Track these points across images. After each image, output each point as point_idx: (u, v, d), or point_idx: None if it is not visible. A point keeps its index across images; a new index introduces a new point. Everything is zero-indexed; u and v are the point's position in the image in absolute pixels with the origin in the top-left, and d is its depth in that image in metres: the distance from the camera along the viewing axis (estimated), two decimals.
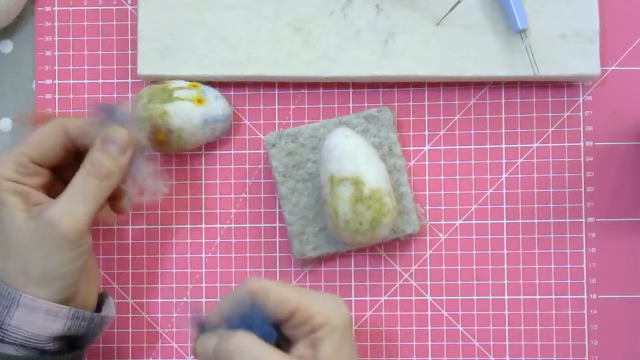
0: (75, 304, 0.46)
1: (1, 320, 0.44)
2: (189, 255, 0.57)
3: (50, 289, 0.44)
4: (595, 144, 0.55)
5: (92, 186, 0.46)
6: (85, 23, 0.58)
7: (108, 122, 0.47)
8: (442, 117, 0.56)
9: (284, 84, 0.56)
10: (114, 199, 0.50)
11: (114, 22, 0.58)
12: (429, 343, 0.55)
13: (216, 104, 0.54)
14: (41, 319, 0.44)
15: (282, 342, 0.44)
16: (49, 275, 0.44)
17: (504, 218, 0.55)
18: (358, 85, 0.56)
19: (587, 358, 0.55)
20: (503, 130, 0.56)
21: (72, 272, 0.45)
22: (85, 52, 0.58)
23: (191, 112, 0.52)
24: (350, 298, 0.56)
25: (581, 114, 0.55)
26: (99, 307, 0.49)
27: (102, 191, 0.46)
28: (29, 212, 0.45)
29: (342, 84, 0.56)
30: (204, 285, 0.56)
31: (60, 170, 0.49)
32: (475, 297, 0.55)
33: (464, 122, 0.56)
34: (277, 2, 0.54)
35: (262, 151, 0.56)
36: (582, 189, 0.55)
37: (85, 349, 0.48)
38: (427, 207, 0.56)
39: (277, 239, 0.56)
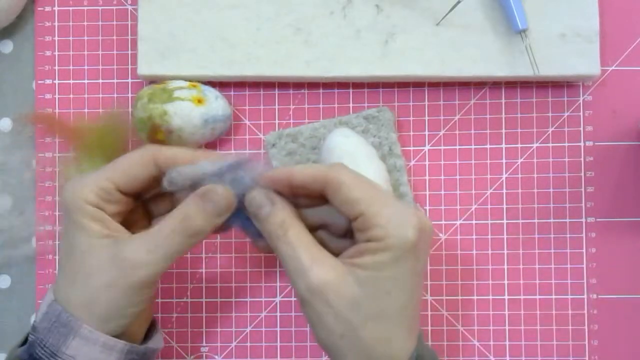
0: (127, 335, 0.45)
1: (57, 348, 0.43)
2: (189, 255, 0.57)
3: (111, 326, 0.43)
4: (595, 144, 0.55)
5: (177, 243, 0.43)
6: (85, 23, 0.58)
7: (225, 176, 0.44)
8: (442, 117, 0.56)
9: (284, 84, 0.56)
10: None
11: (114, 22, 0.58)
12: (429, 343, 0.55)
13: (216, 104, 0.54)
14: (97, 352, 0.43)
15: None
16: (113, 313, 0.43)
17: (504, 218, 0.55)
18: (358, 85, 0.56)
19: (587, 358, 0.55)
20: (503, 130, 0.56)
21: (135, 313, 0.44)
22: (85, 52, 0.58)
23: (191, 112, 0.52)
24: None
25: (581, 114, 0.56)
26: (146, 334, 0.48)
27: (186, 248, 0.44)
28: (107, 239, 0.43)
29: (342, 84, 0.56)
30: (204, 285, 0.56)
31: (144, 199, 0.47)
32: (475, 297, 0.55)
33: (464, 122, 0.56)
34: (277, 2, 0.54)
35: (262, 151, 0.56)
36: (582, 189, 0.55)
37: None
38: (427, 207, 0.56)
39: None
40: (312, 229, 0.44)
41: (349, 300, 0.41)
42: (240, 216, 0.45)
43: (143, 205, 0.48)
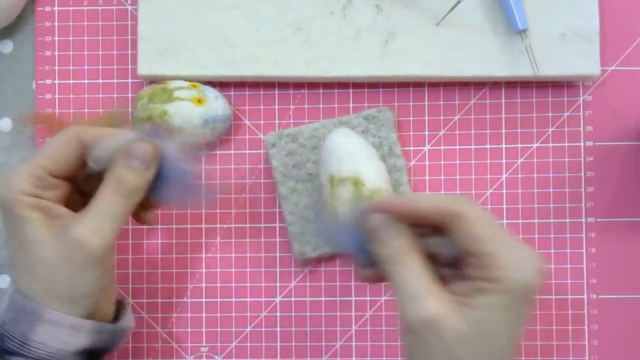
0: (97, 317, 0.45)
1: (25, 337, 0.43)
2: (189, 255, 0.57)
3: (75, 306, 0.44)
4: (595, 144, 0.55)
5: (117, 204, 0.44)
6: (85, 23, 0.58)
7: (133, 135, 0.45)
8: (442, 117, 0.56)
9: (284, 84, 0.56)
10: (138, 210, 0.48)
11: (114, 22, 0.58)
12: None
13: (216, 104, 0.54)
14: (65, 334, 0.43)
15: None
16: (74, 294, 0.44)
17: (504, 218, 0.55)
18: (358, 85, 0.56)
19: (587, 358, 0.55)
20: (503, 130, 0.56)
21: (97, 289, 0.45)
22: (85, 52, 0.58)
23: (191, 112, 0.52)
24: (350, 298, 0.56)
25: (581, 114, 0.55)
26: (116, 316, 0.49)
27: (128, 208, 0.45)
28: (51, 227, 0.44)
29: (342, 84, 0.56)
30: (204, 285, 0.56)
31: (78, 182, 0.48)
32: None
33: (464, 122, 0.56)
34: (277, 2, 0.54)
35: (262, 151, 0.56)
36: (582, 189, 0.55)
37: (104, 358, 0.48)
38: None
39: (277, 239, 0.56)
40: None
41: (460, 337, 0.39)
42: (352, 240, 0.44)
43: (80, 189, 0.48)
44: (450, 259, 0.42)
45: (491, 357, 0.39)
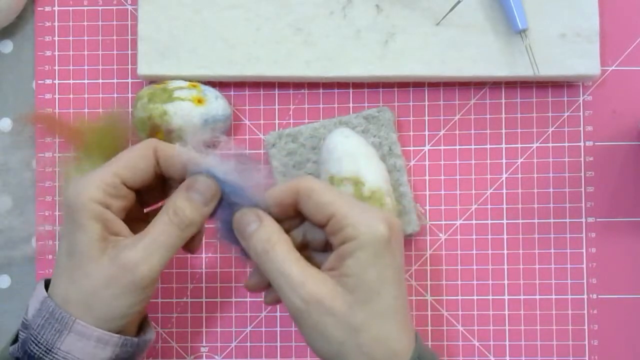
0: (124, 332, 0.45)
1: (51, 344, 0.43)
2: (189, 255, 0.57)
3: (109, 325, 0.44)
4: (595, 144, 0.55)
5: (171, 235, 0.44)
6: (85, 23, 0.58)
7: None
8: (442, 117, 0.56)
9: (284, 84, 0.56)
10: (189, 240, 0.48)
11: (114, 22, 0.58)
12: (429, 343, 0.55)
13: (216, 104, 0.54)
14: (92, 347, 0.43)
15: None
16: (110, 315, 0.43)
17: (504, 218, 0.55)
18: (358, 85, 0.56)
19: (587, 358, 0.55)
20: (503, 130, 0.56)
21: (134, 313, 0.44)
22: (85, 52, 0.58)
23: (191, 112, 0.52)
24: None
25: (581, 114, 0.56)
26: (139, 327, 0.48)
27: (181, 240, 0.44)
28: (106, 242, 0.44)
29: (342, 84, 0.56)
30: (204, 285, 0.56)
31: (141, 193, 0.47)
32: (475, 297, 0.55)
33: (464, 122, 0.56)
34: (277, 2, 0.54)
35: (262, 151, 0.56)
36: (582, 189, 0.55)
37: None
38: (427, 207, 0.56)
39: None
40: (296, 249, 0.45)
41: (345, 307, 0.41)
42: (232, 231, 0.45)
43: (140, 198, 0.48)
44: (324, 242, 0.45)
45: (376, 315, 0.42)
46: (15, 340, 0.45)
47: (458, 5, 0.52)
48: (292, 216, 0.45)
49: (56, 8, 0.58)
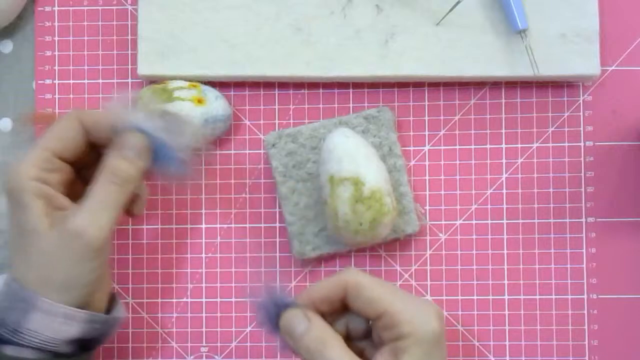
0: (90, 307, 0.46)
1: (18, 324, 0.44)
2: (189, 255, 0.57)
3: (71, 295, 0.44)
4: (595, 144, 0.55)
5: (113, 193, 0.45)
6: (85, 23, 0.58)
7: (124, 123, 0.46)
8: (442, 117, 0.56)
9: (284, 84, 0.56)
10: (129, 203, 0.49)
11: (114, 22, 0.58)
12: None
13: (216, 104, 0.54)
14: (58, 323, 0.44)
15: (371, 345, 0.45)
16: (70, 284, 0.44)
17: (504, 218, 0.55)
18: (358, 85, 0.56)
19: (587, 358, 0.55)
20: (503, 130, 0.56)
21: (93, 280, 0.45)
22: (85, 52, 0.58)
23: (191, 112, 0.52)
24: None
25: (581, 114, 0.55)
26: (109, 307, 0.49)
27: (123, 197, 0.46)
28: (52, 217, 0.45)
29: (342, 84, 0.56)
30: (204, 285, 0.56)
31: (79, 168, 0.49)
32: (475, 297, 0.55)
33: (464, 122, 0.56)
34: (277, 2, 0.54)
35: (262, 151, 0.56)
36: (582, 189, 0.55)
37: (95, 349, 0.48)
38: (427, 207, 0.56)
39: (277, 239, 0.56)
40: None
41: None
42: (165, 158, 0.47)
43: (81, 176, 0.49)
44: (366, 332, 0.45)
45: None
46: None
47: (458, 5, 0.52)
48: (337, 309, 0.45)
49: (56, 8, 0.58)
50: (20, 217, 0.45)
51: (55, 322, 0.44)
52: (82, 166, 0.49)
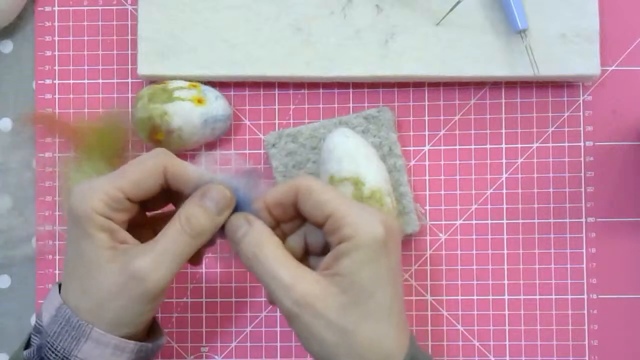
0: (136, 337, 0.45)
1: (68, 352, 0.43)
2: None
3: (119, 331, 0.43)
4: (595, 144, 0.55)
5: (183, 243, 0.43)
6: (85, 23, 0.58)
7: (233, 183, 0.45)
8: (442, 117, 0.56)
9: (284, 84, 0.56)
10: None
11: (114, 22, 0.58)
12: (429, 343, 0.55)
13: (216, 104, 0.54)
14: (109, 354, 0.43)
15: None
16: (121, 322, 0.43)
17: (504, 218, 0.55)
18: (358, 85, 0.56)
19: (587, 358, 0.55)
20: (503, 130, 0.56)
21: (144, 321, 0.45)
22: (85, 52, 0.58)
23: (191, 112, 0.52)
24: None
25: (581, 114, 0.56)
26: (149, 330, 0.48)
27: (192, 249, 0.44)
28: (114, 251, 0.43)
29: (342, 84, 0.56)
30: (204, 285, 0.56)
31: (145, 202, 0.47)
32: (475, 297, 0.55)
33: (464, 122, 0.56)
34: (277, 2, 0.54)
35: (262, 151, 0.56)
36: (582, 189, 0.55)
37: None
38: (427, 207, 0.56)
39: None
40: (297, 254, 0.45)
41: (337, 308, 0.41)
42: None
43: (144, 208, 0.48)
44: (324, 247, 0.45)
45: (370, 316, 0.42)
46: (28, 344, 0.45)
47: (458, 5, 0.52)
48: (292, 217, 0.45)
49: (56, 8, 0.58)
50: (81, 244, 0.43)
51: (107, 352, 0.43)
52: (148, 201, 0.47)
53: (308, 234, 0.46)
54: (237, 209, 0.45)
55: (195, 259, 0.47)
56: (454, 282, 0.55)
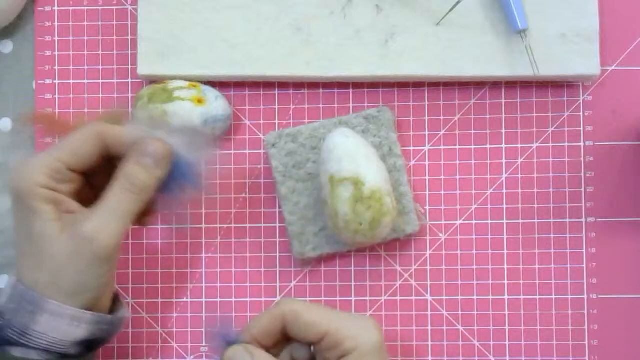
0: (96, 309, 0.46)
1: (26, 326, 0.43)
2: (189, 255, 0.57)
3: (79, 299, 0.44)
4: (595, 144, 0.55)
5: (127, 201, 0.44)
6: (85, 23, 0.58)
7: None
8: (442, 117, 0.56)
9: (284, 84, 0.56)
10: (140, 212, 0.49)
11: (114, 22, 0.58)
12: (429, 343, 0.55)
13: (216, 104, 0.54)
14: (66, 325, 0.44)
15: None
16: (79, 288, 0.44)
17: (504, 218, 0.55)
18: (358, 85, 0.56)
19: (587, 358, 0.55)
20: (503, 130, 0.56)
21: (102, 285, 0.45)
22: (85, 52, 0.58)
23: (191, 112, 0.52)
24: (350, 298, 0.56)
25: (581, 114, 0.55)
26: (112, 307, 0.49)
27: (137, 206, 0.45)
28: (62, 221, 0.44)
29: (342, 84, 0.56)
30: (204, 285, 0.56)
31: (90, 175, 0.48)
32: (475, 297, 0.55)
33: (464, 122, 0.56)
34: (277, 2, 0.54)
35: (262, 151, 0.56)
36: (582, 189, 0.55)
37: (99, 349, 0.49)
38: (427, 207, 0.56)
39: (277, 239, 0.56)
40: None
41: None
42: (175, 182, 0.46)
43: (90, 182, 0.48)
44: (310, 358, 0.46)
45: None
46: None
47: (458, 5, 0.52)
48: (279, 342, 0.46)
49: (56, 8, 0.58)
50: (28, 221, 0.44)
51: (63, 324, 0.44)
52: (93, 173, 0.48)
53: (294, 351, 0.46)
54: (176, 167, 0.45)
55: (142, 219, 0.48)
56: (454, 282, 0.55)
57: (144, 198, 0.45)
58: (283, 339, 0.46)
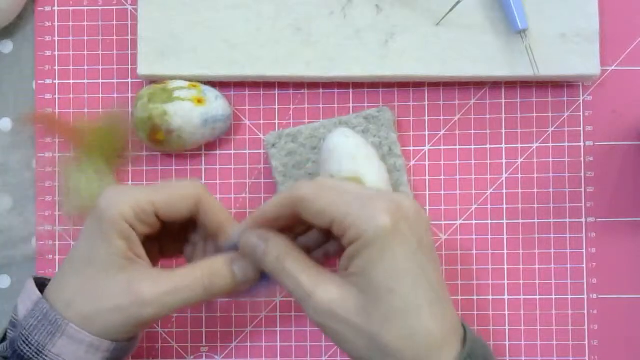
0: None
1: (43, 346, 0.43)
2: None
3: (102, 334, 0.43)
4: (595, 144, 0.55)
5: (195, 294, 0.43)
6: (85, 23, 0.58)
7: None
8: (442, 117, 0.56)
9: (284, 84, 0.56)
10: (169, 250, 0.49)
11: (114, 22, 0.58)
12: None
13: (216, 104, 0.54)
14: (83, 351, 0.43)
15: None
16: (110, 334, 0.44)
17: (504, 218, 0.55)
18: (358, 85, 0.56)
19: (587, 358, 0.55)
20: (503, 130, 0.56)
21: (129, 333, 0.45)
22: (85, 52, 0.58)
23: (191, 112, 0.52)
24: None
25: (581, 114, 0.56)
26: None
27: (201, 300, 0.44)
28: (128, 260, 0.43)
29: (342, 84, 0.56)
30: None
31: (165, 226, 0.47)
32: (475, 297, 0.55)
33: (464, 122, 0.56)
34: (277, 2, 0.54)
35: (262, 151, 0.56)
36: (582, 189, 0.55)
37: None
38: (427, 207, 0.56)
39: None
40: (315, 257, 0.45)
41: (358, 311, 0.39)
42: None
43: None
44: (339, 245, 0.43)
45: (394, 314, 0.39)
46: (3, 339, 0.45)
47: (458, 5, 0.52)
48: (299, 222, 0.44)
49: (56, 8, 0.58)
50: (97, 244, 0.43)
51: (80, 350, 0.43)
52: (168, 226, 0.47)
53: (328, 247, 0.45)
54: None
55: (166, 252, 0.48)
56: (454, 282, 0.55)
57: (207, 298, 0.44)
58: (300, 222, 0.44)
